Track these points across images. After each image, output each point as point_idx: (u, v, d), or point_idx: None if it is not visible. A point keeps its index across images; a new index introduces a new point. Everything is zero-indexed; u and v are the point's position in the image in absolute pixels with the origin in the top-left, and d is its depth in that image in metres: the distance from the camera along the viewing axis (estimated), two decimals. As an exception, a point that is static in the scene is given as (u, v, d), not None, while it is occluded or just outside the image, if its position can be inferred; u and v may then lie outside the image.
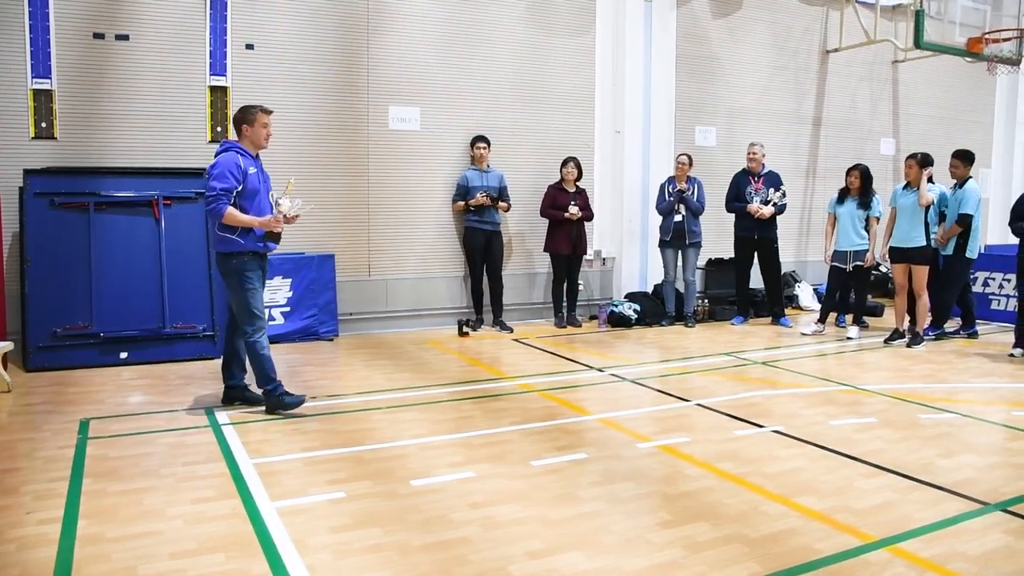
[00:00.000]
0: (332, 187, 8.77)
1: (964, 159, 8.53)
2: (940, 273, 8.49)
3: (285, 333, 8.42)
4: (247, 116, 5.61)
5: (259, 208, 5.57)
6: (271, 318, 8.39)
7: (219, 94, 8.29)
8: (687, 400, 6.02)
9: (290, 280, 8.52)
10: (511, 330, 8.99)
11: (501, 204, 8.96)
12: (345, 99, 8.76)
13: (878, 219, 8.83)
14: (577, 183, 9.31)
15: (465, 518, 3.82)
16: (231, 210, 5.42)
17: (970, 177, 8.50)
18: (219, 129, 8.28)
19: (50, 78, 7.73)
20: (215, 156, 5.59)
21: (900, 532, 3.64)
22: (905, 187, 8.22)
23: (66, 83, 7.73)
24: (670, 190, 9.35)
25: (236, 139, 5.67)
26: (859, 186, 8.67)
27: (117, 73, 7.92)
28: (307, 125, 8.58)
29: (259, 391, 5.78)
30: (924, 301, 8.10)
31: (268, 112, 5.67)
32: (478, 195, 8.83)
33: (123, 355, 7.42)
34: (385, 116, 8.94)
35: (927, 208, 7.94)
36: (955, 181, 8.57)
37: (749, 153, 9.54)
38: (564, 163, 9.26)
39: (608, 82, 10.07)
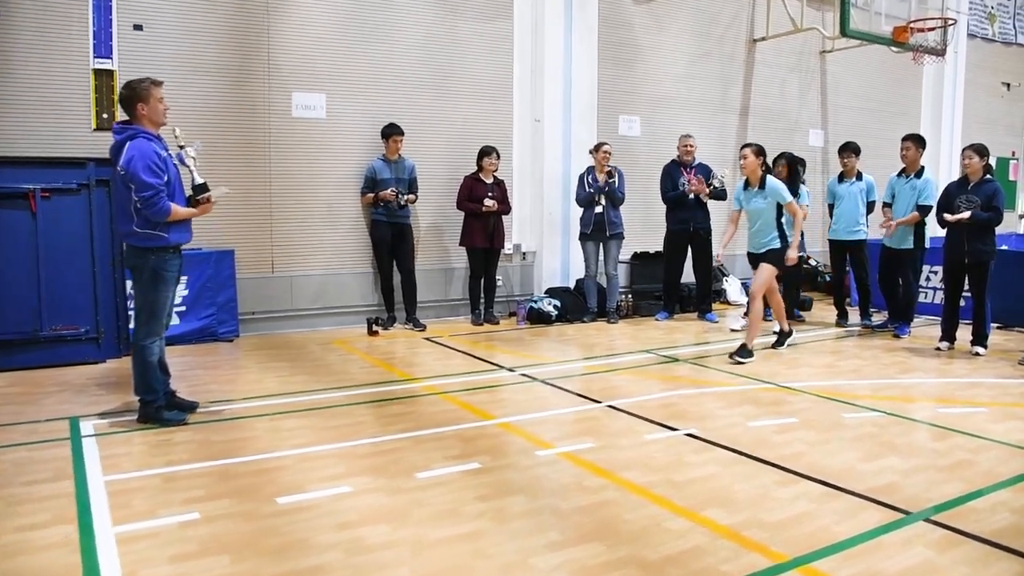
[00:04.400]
0: (231, 179, 8.12)
1: (917, 142, 8.09)
2: (904, 264, 8.15)
3: (181, 334, 7.80)
4: (140, 93, 4.99)
5: (179, 196, 5.13)
6: (164, 318, 7.77)
7: (104, 78, 7.62)
8: (599, 402, 5.62)
9: (186, 278, 7.88)
10: (424, 328, 8.51)
11: (409, 196, 8.44)
12: (244, 85, 8.17)
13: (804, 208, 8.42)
14: (495, 174, 8.87)
15: (328, 541, 3.35)
16: (174, 206, 4.96)
17: (923, 165, 8.18)
18: (105, 116, 7.63)
19: None
20: (118, 144, 4.94)
21: (815, 549, 3.28)
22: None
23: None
24: (590, 181, 8.97)
25: (131, 121, 5.04)
26: (786, 176, 8.37)
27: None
28: (202, 112, 7.96)
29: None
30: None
31: (159, 84, 5.10)
32: (389, 190, 8.30)
33: (-9, 361, 6.77)
34: (288, 103, 8.37)
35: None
36: (904, 166, 8.16)
37: (684, 145, 9.19)
38: (484, 153, 8.79)
39: (527, 69, 9.66)
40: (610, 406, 5.49)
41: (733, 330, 8.57)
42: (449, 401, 5.63)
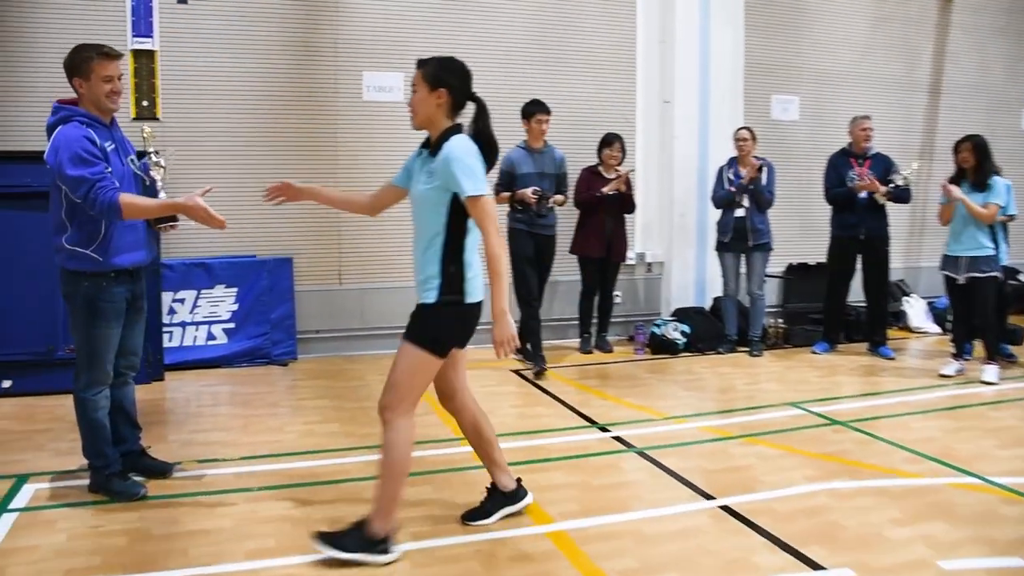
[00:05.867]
0: (290, 174, 6.86)
1: None
2: None
3: (227, 356, 6.65)
4: (78, 65, 3.72)
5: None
6: (211, 336, 6.64)
7: (144, 60, 6.55)
8: (711, 497, 3.85)
9: (235, 290, 6.74)
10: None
11: (556, 197, 6.61)
12: (305, 64, 6.89)
13: (1001, 208, 6.15)
14: (618, 168, 7.16)
15: None
16: (128, 197, 3.58)
17: None
18: (145, 103, 6.55)
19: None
20: (49, 130, 3.72)
21: None
22: None
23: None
24: (730, 176, 7.10)
25: (74, 101, 3.81)
26: (973, 164, 6.18)
27: (20, 40, 6.29)
28: (257, 98, 6.75)
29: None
30: None
31: (110, 56, 3.76)
32: (529, 189, 6.37)
33: (6, 384, 5.82)
34: (358, 84, 7.02)
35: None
36: None
37: (860, 129, 7.10)
38: (606, 142, 7.09)
39: (654, 39, 7.86)
40: (724, 507, 3.71)
41: (944, 375, 6.36)
42: (499, 482, 4.04)
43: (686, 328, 7.31)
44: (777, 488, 3.96)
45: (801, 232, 8.35)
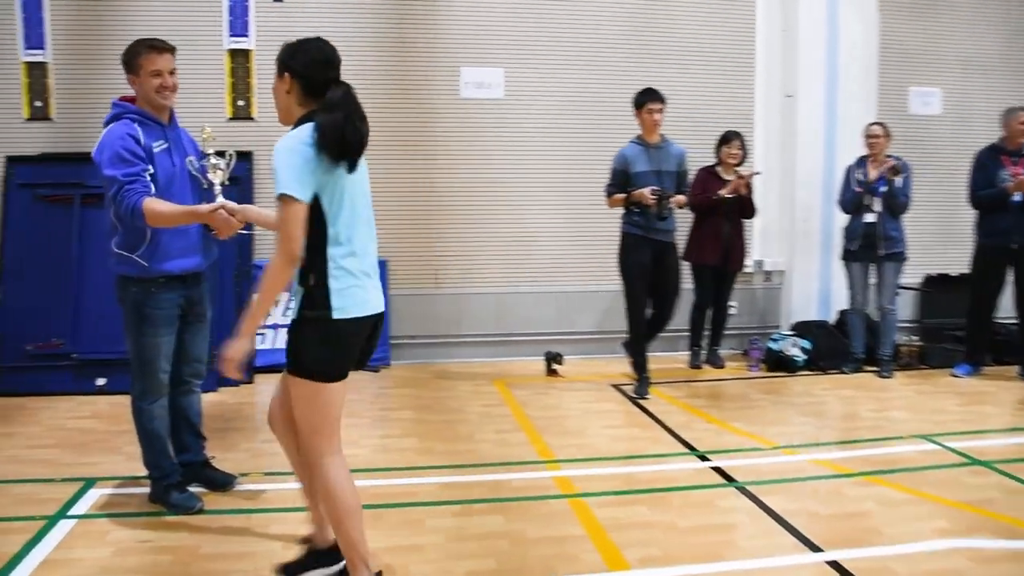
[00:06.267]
0: (385, 175, 6.69)
1: None
2: None
3: (318, 361, 6.47)
4: (128, 61, 3.56)
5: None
6: (303, 341, 6.48)
7: (240, 60, 6.50)
8: (818, 549, 3.30)
9: (330, 293, 6.56)
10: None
11: (677, 198, 5.78)
12: (400, 60, 6.69)
13: None
14: (738, 168, 6.59)
15: None
16: (153, 203, 3.36)
17: None
18: (241, 103, 6.49)
19: (44, 48, 6.31)
20: (104, 127, 3.57)
21: None
22: None
23: (62, 54, 6.28)
24: (859, 177, 6.40)
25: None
26: None
27: (119, 40, 6.32)
28: (350, 93, 6.59)
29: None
30: None
31: (161, 49, 3.57)
32: (647, 189, 5.56)
33: (100, 382, 5.90)
34: (455, 80, 6.75)
35: None
36: None
37: (1016, 122, 6.24)
38: (724, 140, 6.55)
39: (775, 27, 7.24)
40: (833, 563, 3.16)
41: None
42: (576, 516, 3.63)
43: (806, 344, 6.65)
44: (901, 542, 3.35)
45: (942, 239, 7.51)
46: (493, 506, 3.75)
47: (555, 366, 6.47)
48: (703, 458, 4.45)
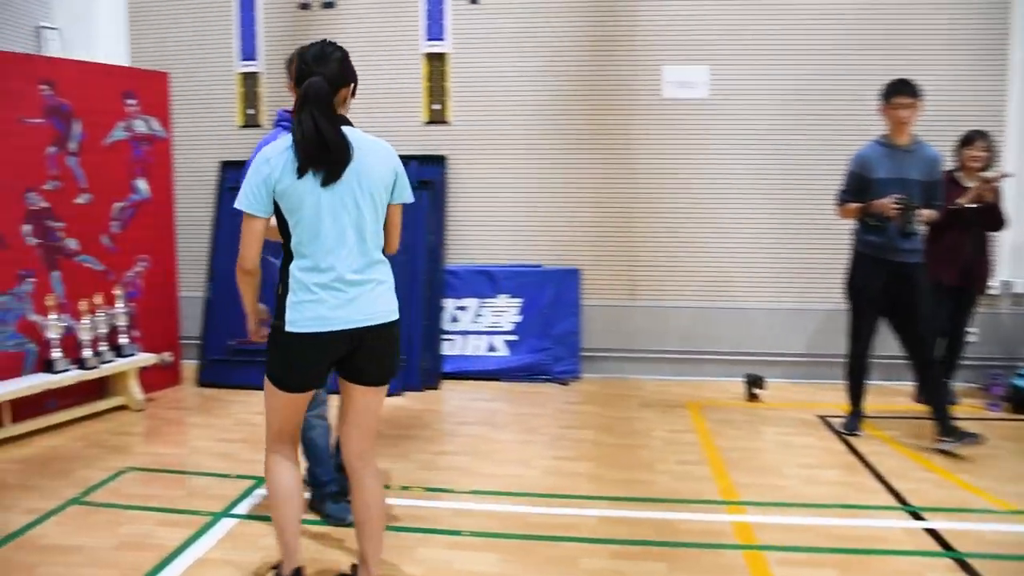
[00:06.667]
0: (580, 179, 6.48)
1: None
2: None
3: (506, 369, 6.40)
4: (288, 68, 3.58)
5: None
6: (491, 347, 6.43)
7: (436, 63, 6.51)
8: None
9: (519, 300, 6.46)
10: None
11: (926, 212, 4.80)
12: (599, 60, 6.40)
13: None
14: (982, 173, 5.71)
15: None
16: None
17: None
18: (436, 107, 6.51)
19: (256, 59, 6.68)
20: None
21: None
22: None
23: (273, 64, 6.61)
24: None
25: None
26: None
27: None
28: (546, 98, 6.43)
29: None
30: None
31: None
32: (889, 199, 4.64)
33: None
34: (656, 80, 6.36)
35: None
36: None
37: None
38: (966, 140, 5.65)
39: (1036, 9, 6.20)
40: None
41: None
42: (751, 573, 3.18)
43: (1064, 382, 5.64)
44: None
45: None
46: (657, 550, 3.38)
47: (756, 390, 5.92)
48: (917, 516, 3.80)
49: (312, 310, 2.59)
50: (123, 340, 5.46)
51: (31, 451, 4.64)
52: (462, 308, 6.51)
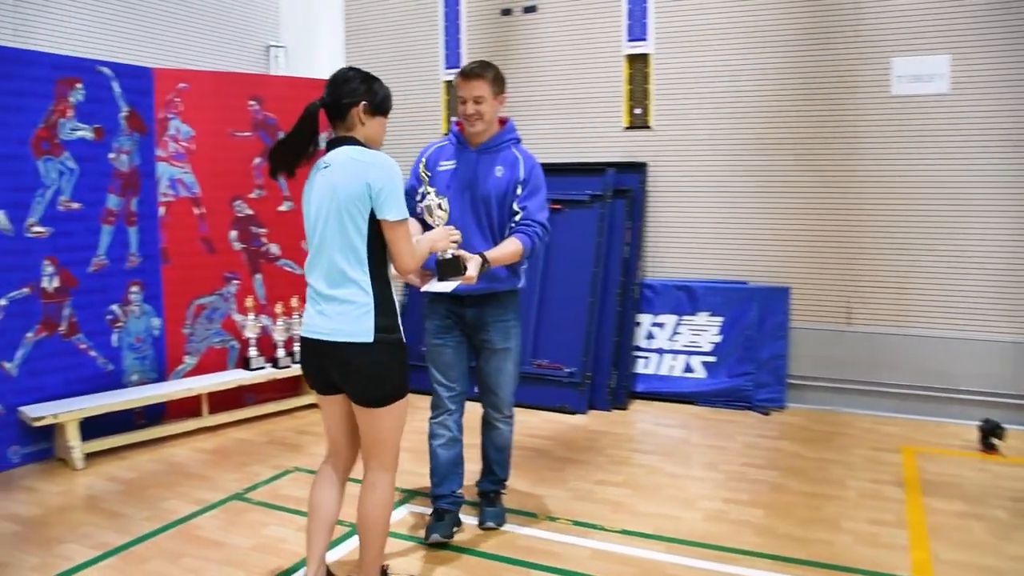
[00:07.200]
0: (791, 189, 5.89)
1: None
2: None
3: (703, 392, 5.99)
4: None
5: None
6: (688, 368, 6.06)
7: (638, 65, 6.21)
8: None
9: (720, 319, 6.04)
10: None
11: None
12: (817, 56, 5.76)
13: None
14: None
15: None
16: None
17: None
18: (638, 111, 6.22)
19: (458, 67, 6.79)
20: None
21: None
22: None
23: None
24: None
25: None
26: None
27: (523, 53, 6.55)
28: (756, 99, 5.91)
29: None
30: None
31: (461, 75, 3.47)
32: None
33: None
34: (885, 75, 5.60)
35: None
36: None
37: None
38: None
39: None
40: None
41: None
42: None
43: None
44: None
45: None
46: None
47: (993, 440, 5.03)
48: None
49: (305, 314, 2.84)
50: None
51: (220, 442, 4.98)
52: (658, 325, 6.17)
